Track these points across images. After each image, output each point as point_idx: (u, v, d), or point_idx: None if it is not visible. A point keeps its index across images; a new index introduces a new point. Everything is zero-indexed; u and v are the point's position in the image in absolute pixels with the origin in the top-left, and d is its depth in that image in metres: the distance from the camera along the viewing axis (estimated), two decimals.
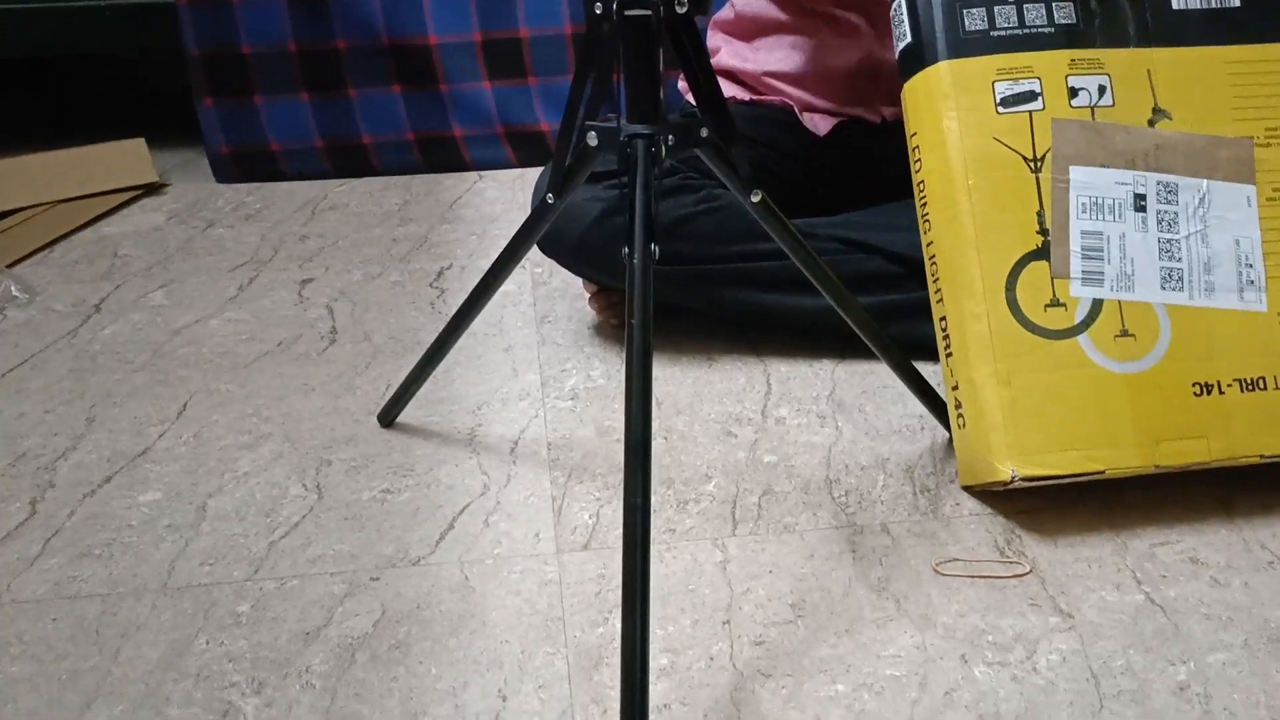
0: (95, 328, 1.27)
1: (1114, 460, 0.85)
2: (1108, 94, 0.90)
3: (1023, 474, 0.86)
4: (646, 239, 0.74)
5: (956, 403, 0.91)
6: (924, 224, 0.93)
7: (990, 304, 0.88)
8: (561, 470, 1.00)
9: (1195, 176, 0.89)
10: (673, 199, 1.11)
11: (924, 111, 0.93)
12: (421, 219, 1.57)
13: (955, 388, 0.91)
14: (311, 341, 1.23)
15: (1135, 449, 0.85)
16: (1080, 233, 0.88)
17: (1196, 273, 0.87)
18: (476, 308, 0.95)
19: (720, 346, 1.19)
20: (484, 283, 0.93)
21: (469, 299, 0.95)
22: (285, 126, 1.70)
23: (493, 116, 1.74)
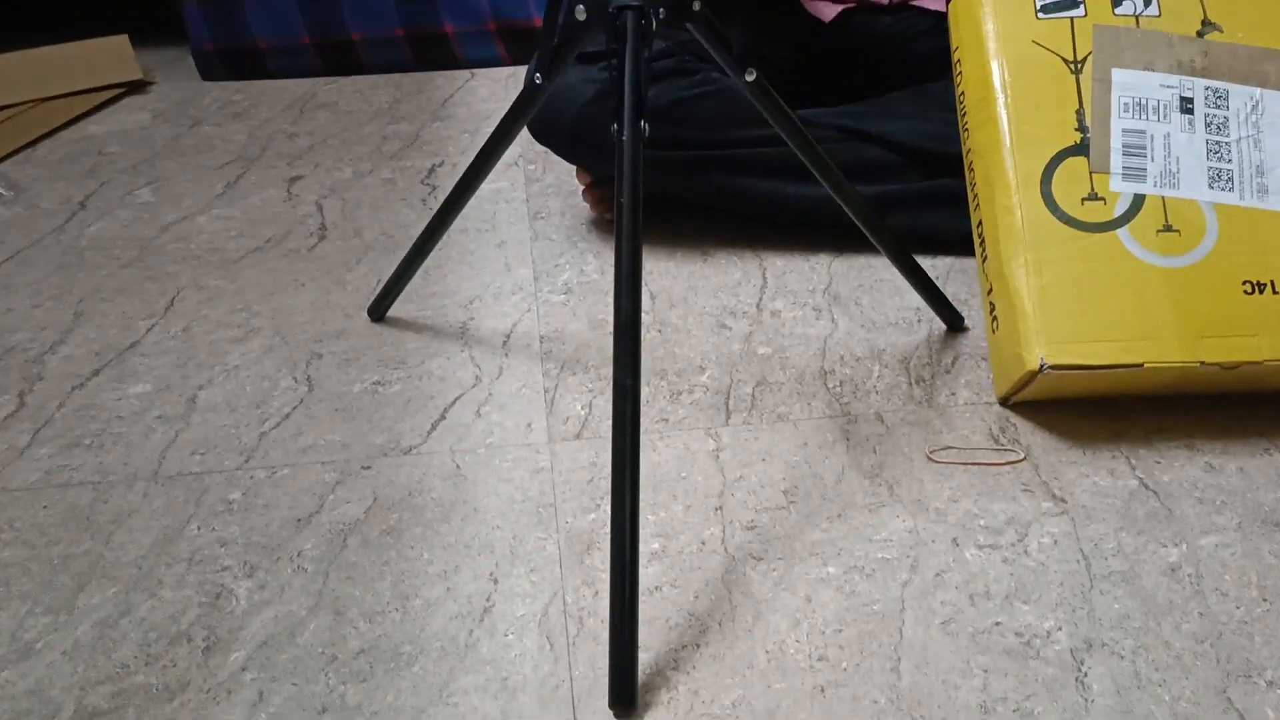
0: (81, 224, 1.25)
1: (1153, 353, 0.81)
2: (1153, 5, 0.87)
3: (1052, 362, 0.81)
4: (636, 115, 0.72)
5: (990, 306, 0.88)
6: (964, 132, 0.90)
7: (1024, 195, 0.84)
8: (554, 362, 0.99)
9: (1247, 84, 0.85)
10: (667, 82, 1.08)
11: (964, 21, 0.90)
12: (412, 117, 1.54)
13: (989, 291, 0.88)
14: (301, 238, 1.21)
15: (1177, 342, 0.81)
16: (1122, 130, 0.85)
17: (1248, 175, 0.84)
18: (465, 195, 0.93)
19: (715, 241, 1.17)
20: (473, 169, 0.91)
21: (458, 186, 0.93)
22: (272, 23, 1.66)
23: (485, 12, 1.69)
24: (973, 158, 0.89)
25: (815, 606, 0.72)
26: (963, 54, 0.90)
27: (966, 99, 0.90)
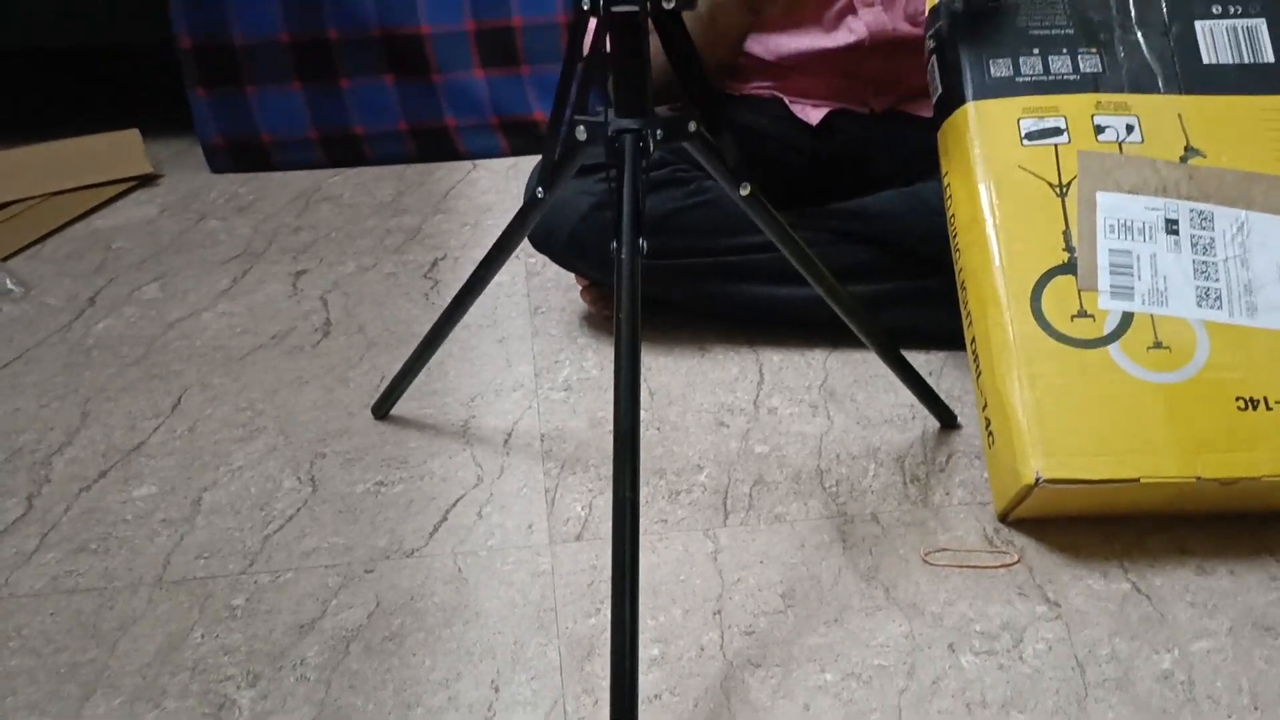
0: (89, 322, 1.27)
1: (1149, 467, 0.81)
2: (1136, 132, 0.90)
3: (1048, 476, 0.81)
4: (634, 233, 0.74)
5: (986, 422, 0.88)
6: (955, 252, 0.93)
7: (1015, 312, 0.86)
8: (555, 461, 1.00)
9: (1232, 207, 0.87)
10: (663, 192, 1.11)
11: (953, 148, 0.93)
12: (415, 210, 1.57)
13: (985, 407, 0.89)
14: (305, 334, 1.23)
15: (1174, 457, 0.81)
16: (1108, 250, 0.87)
17: (1237, 293, 0.85)
18: (467, 302, 0.95)
19: (713, 336, 1.20)
20: (475, 277, 0.94)
21: (460, 293, 0.95)
22: (278, 117, 1.70)
23: (486, 106, 1.74)
24: (964, 276, 0.92)
25: (814, 715, 0.73)
26: (952, 178, 0.93)
27: (957, 220, 0.92)
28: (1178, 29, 0.94)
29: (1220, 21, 0.93)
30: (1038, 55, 0.94)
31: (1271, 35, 0.93)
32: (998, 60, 0.94)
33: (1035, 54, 0.94)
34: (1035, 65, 0.93)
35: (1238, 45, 0.93)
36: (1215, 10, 0.94)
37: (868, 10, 1.19)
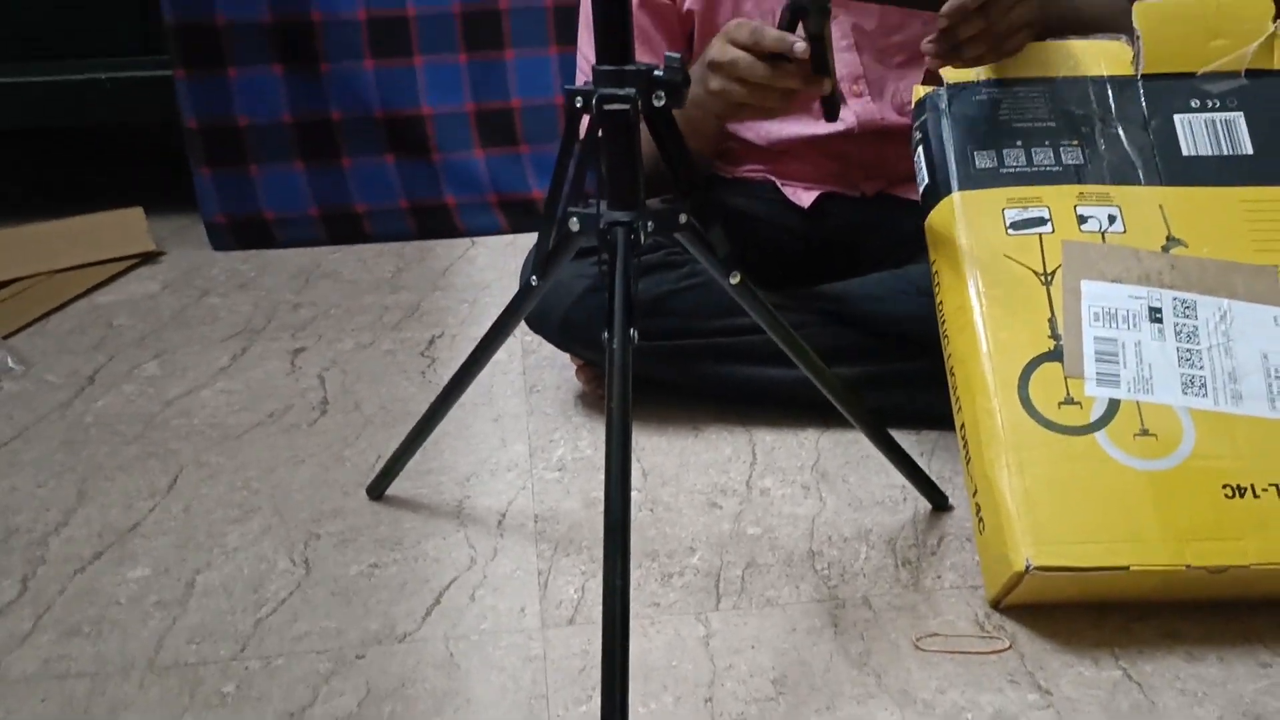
0: (88, 399, 1.28)
1: (1139, 555, 0.81)
2: (1118, 222, 0.92)
3: (1038, 563, 0.81)
4: (625, 323, 0.76)
5: (976, 508, 0.89)
6: (944, 339, 0.95)
7: (1003, 399, 0.87)
8: (548, 543, 1.01)
9: (1214, 296, 0.89)
10: (656, 275, 1.13)
11: (940, 236, 0.95)
12: (413, 286, 1.59)
13: (975, 493, 0.89)
14: (302, 412, 1.24)
15: (1163, 545, 0.81)
16: (1094, 338, 0.88)
17: (1221, 381, 0.87)
18: (463, 385, 0.97)
19: (706, 416, 1.21)
20: (471, 360, 0.95)
21: (455, 376, 0.97)
22: (280, 195, 1.73)
23: (485, 184, 1.77)
24: (953, 363, 0.93)
25: None
26: (940, 266, 0.95)
27: (945, 307, 0.94)
28: (1157, 123, 0.96)
29: (1199, 115, 0.96)
30: (1021, 147, 0.96)
31: (1250, 128, 0.96)
32: (982, 152, 0.96)
33: (1018, 146, 0.96)
34: (1019, 157, 0.96)
35: (1216, 138, 0.95)
36: (1194, 104, 0.96)
37: (857, 100, 1.22)
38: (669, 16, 1.23)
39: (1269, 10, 0.96)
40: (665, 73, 0.76)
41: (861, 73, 1.21)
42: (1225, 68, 0.97)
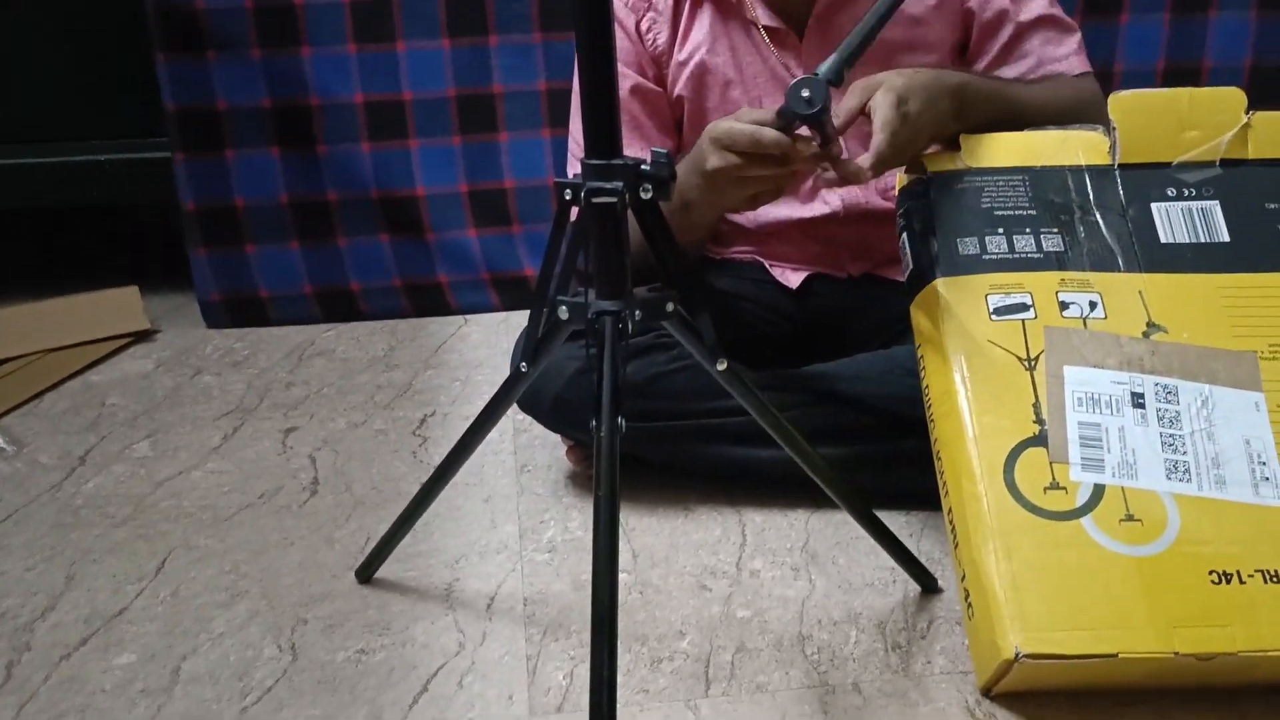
0: (79, 480, 1.28)
1: (1128, 643, 0.81)
2: (1099, 308, 0.94)
3: (1027, 651, 0.81)
4: (613, 413, 0.77)
5: (965, 594, 0.89)
6: (930, 424, 0.96)
7: (989, 484, 0.88)
8: (537, 627, 1.00)
9: (1196, 381, 0.90)
10: (646, 358, 1.15)
11: (925, 321, 0.97)
12: (406, 365, 1.60)
13: (963, 578, 0.90)
14: (293, 493, 1.24)
15: (1151, 632, 0.81)
16: (1078, 423, 0.89)
17: (1204, 466, 0.87)
18: (454, 468, 0.97)
19: (696, 496, 1.21)
20: (461, 445, 0.96)
21: (446, 460, 0.97)
22: (275, 274, 1.75)
23: (478, 263, 1.79)
24: (939, 447, 0.94)
25: None
26: (925, 350, 0.96)
27: (931, 392, 0.95)
28: (1135, 211, 0.98)
29: (1176, 204, 0.98)
30: (1003, 234, 0.98)
31: (1226, 216, 0.98)
32: (965, 239, 0.98)
33: (1000, 233, 0.98)
34: (1001, 244, 0.98)
35: (1193, 226, 0.97)
36: (1170, 193, 0.99)
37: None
38: (659, 103, 1.25)
39: (1241, 102, 0.99)
40: (652, 167, 0.78)
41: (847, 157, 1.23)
42: (1200, 158, 0.99)
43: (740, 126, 0.96)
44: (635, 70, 1.23)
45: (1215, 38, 1.71)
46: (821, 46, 1.20)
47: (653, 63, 1.24)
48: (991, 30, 1.18)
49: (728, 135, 0.96)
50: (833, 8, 1.19)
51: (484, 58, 1.72)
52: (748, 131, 0.95)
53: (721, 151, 0.97)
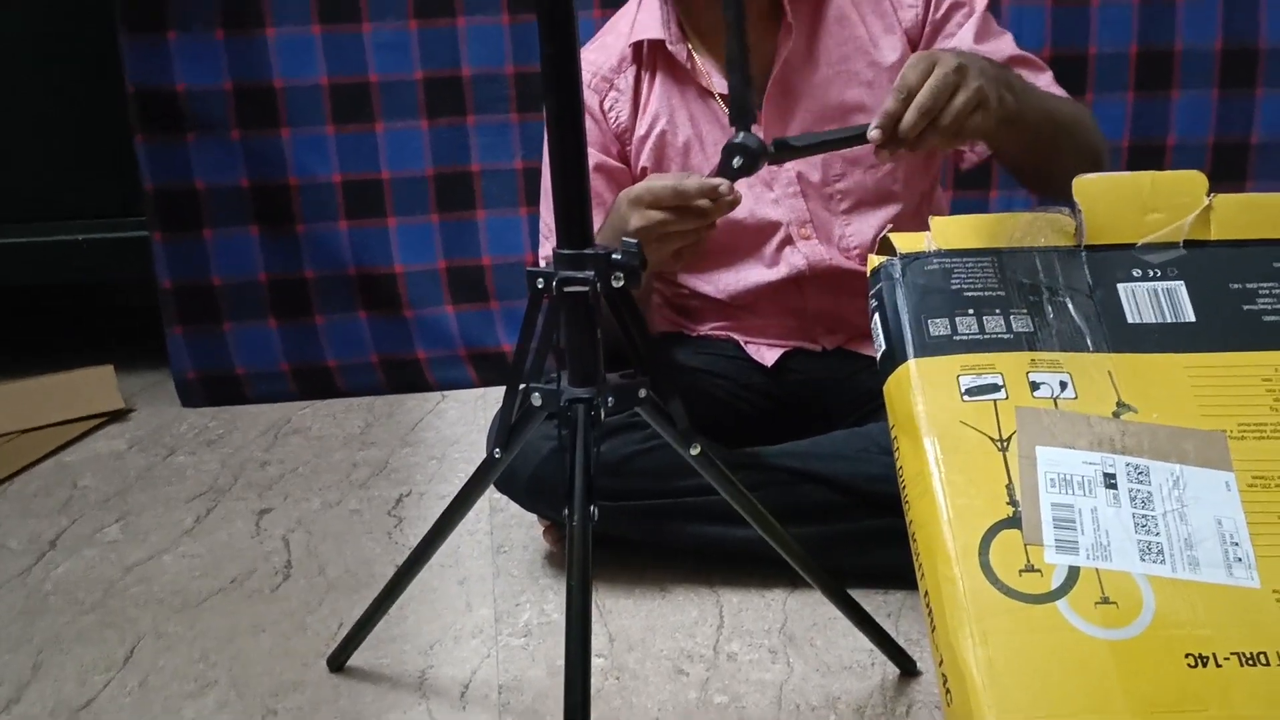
0: (48, 565, 1.27)
1: None
2: (1069, 389, 0.94)
3: None
4: (586, 501, 0.77)
5: (943, 678, 0.88)
6: (905, 504, 0.95)
7: (964, 567, 0.87)
8: (512, 715, 0.99)
9: (1167, 461, 0.90)
10: (620, 437, 1.14)
11: (898, 404, 0.97)
12: (383, 442, 1.59)
13: (940, 663, 0.89)
14: (265, 577, 1.23)
15: (1128, 717, 0.80)
16: (1051, 504, 0.89)
17: (1177, 547, 0.87)
18: (426, 555, 0.96)
19: (673, 575, 1.20)
20: (434, 532, 0.95)
21: (418, 548, 0.96)
22: (252, 352, 1.75)
23: (455, 339, 1.79)
24: (914, 529, 0.93)
25: None
26: (898, 431, 0.96)
27: (905, 473, 0.95)
28: (1102, 292, 0.99)
29: (1141, 284, 0.99)
30: (973, 315, 0.99)
31: (1190, 296, 0.99)
32: (935, 320, 0.99)
33: (970, 314, 0.99)
34: (971, 325, 0.98)
35: (1159, 306, 0.98)
36: (1136, 274, 1.00)
37: (806, 243, 1.26)
38: (624, 179, 1.27)
39: (1202, 185, 1.01)
40: (623, 256, 0.79)
41: (809, 218, 1.25)
42: (1163, 239, 1.01)
43: (660, 182, 0.98)
44: (599, 149, 1.25)
45: (1179, 115, 1.75)
46: (779, 112, 1.22)
47: (616, 140, 1.26)
48: None
49: (649, 193, 0.98)
50: (788, 75, 1.21)
51: (462, 137, 1.74)
52: (669, 184, 0.97)
53: (643, 211, 0.99)
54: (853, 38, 1.21)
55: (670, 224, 0.98)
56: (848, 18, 1.22)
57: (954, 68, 0.95)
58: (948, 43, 1.20)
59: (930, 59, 0.96)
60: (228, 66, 1.65)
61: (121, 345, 1.90)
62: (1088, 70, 1.73)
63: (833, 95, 1.21)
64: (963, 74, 0.96)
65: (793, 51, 1.21)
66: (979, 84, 0.97)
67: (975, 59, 1.00)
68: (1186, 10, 1.71)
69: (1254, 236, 1.01)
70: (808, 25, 1.21)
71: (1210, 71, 1.73)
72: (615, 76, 1.25)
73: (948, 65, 0.95)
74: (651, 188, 0.99)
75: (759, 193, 1.25)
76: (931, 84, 0.94)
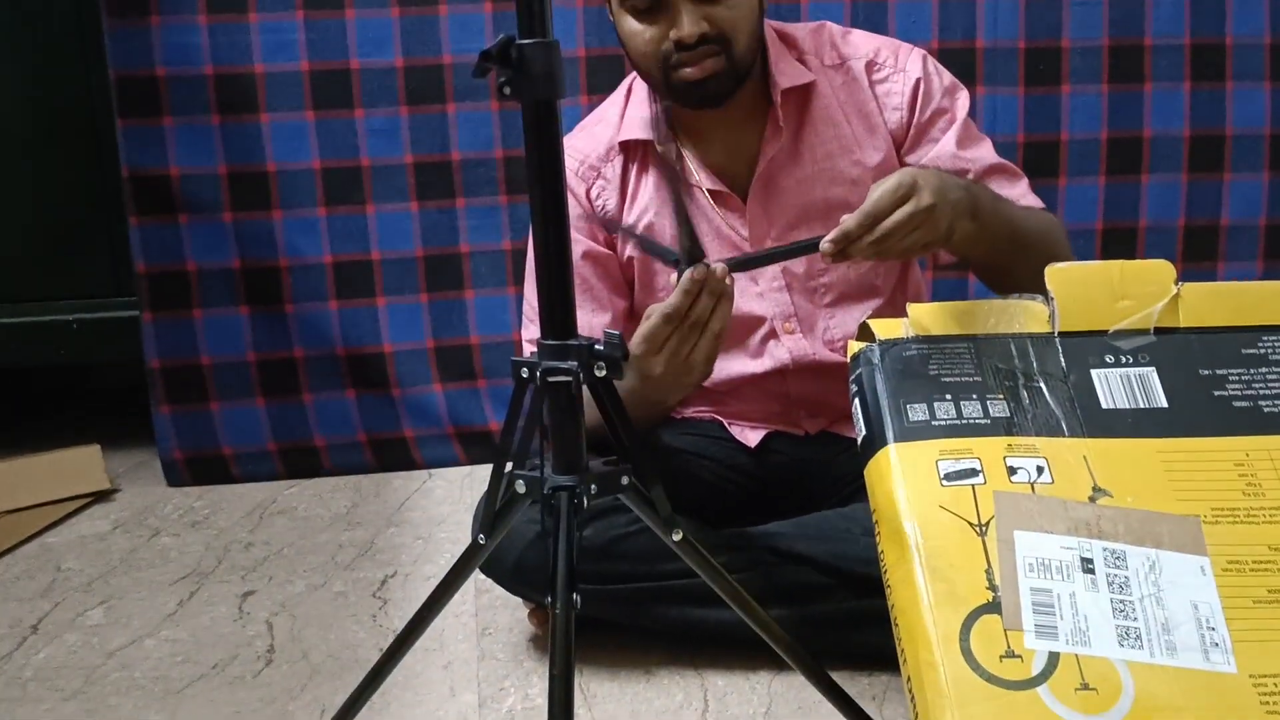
0: (30, 651, 1.26)
1: None
2: (1046, 473, 0.95)
3: None
4: (569, 590, 0.77)
5: None
6: (887, 589, 0.96)
7: (945, 653, 0.87)
8: None
9: (1142, 545, 0.91)
10: (604, 520, 1.15)
11: (879, 488, 0.98)
12: (368, 522, 1.60)
13: None
14: (247, 662, 1.22)
15: None
16: (1030, 589, 0.89)
17: (1155, 632, 0.87)
18: (409, 641, 0.96)
19: (658, 657, 1.20)
20: (417, 618, 0.95)
21: (403, 633, 0.96)
22: (239, 431, 1.75)
23: (443, 417, 1.80)
24: (896, 614, 0.94)
25: None
26: (879, 515, 0.98)
27: (886, 557, 0.96)
28: (1075, 377, 1.01)
29: (1114, 370, 1.02)
30: (950, 401, 1.00)
31: (1162, 382, 1.01)
32: (914, 404, 1.01)
33: (948, 399, 1.01)
34: (949, 410, 1.00)
35: (1132, 392, 1.01)
36: (1109, 360, 1.02)
37: (790, 337, 1.28)
38: (610, 266, 1.29)
39: (1170, 274, 1.04)
40: (606, 347, 0.81)
41: (793, 311, 1.28)
42: (1134, 326, 1.03)
43: (649, 324, 1.00)
44: (587, 235, 1.28)
45: (1150, 199, 1.80)
46: (765, 207, 1.25)
47: (603, 227, 1.29)
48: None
49: (649, 339, 1.00)
50: (774, 171, 1.25)
51: (451, 219, 1.77)
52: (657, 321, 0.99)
53: (656, 354, 1.00)
54: (837, 137, 1.25)
55: (685, 344, 1.00)
56: (833, 117, 1.25)
57: (925, 208, 1.00)
58: (931, 148, 1.24)
59: (908, 189, 1.00)
60: (222, 151, 1.69)
61: (107, 423, 1.91)
62: (1060, 156, 1.78)
63: (817, 193, 1.25)
64: (930, 214, 1.01)
65: (779, 149, 1.24)
66: (940, 225, 1.02)
67: (950, 188, 1.04)
68: (1155, 98, 1.77)
69: (1222, 324, 1.03)
70: (794, 123, 1.25)
71: (1179, 157, 1.78)
72: (602, 165, 1.29)
73: (920, 202, 1.00)
74: (646, 335, 1.00)
75: (744, 286, 1.27)
76: (897, 218, 0.99)
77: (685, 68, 1.15)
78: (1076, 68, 1.76)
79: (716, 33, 1.14)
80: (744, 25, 1.16)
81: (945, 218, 1.03)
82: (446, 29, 1.71)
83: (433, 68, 1.72)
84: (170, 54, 1.65)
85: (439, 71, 1.72)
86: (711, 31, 1.14)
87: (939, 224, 1.03)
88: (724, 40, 1.15)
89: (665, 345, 1.00)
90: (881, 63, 1.26)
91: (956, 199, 1.05)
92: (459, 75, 1.72)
